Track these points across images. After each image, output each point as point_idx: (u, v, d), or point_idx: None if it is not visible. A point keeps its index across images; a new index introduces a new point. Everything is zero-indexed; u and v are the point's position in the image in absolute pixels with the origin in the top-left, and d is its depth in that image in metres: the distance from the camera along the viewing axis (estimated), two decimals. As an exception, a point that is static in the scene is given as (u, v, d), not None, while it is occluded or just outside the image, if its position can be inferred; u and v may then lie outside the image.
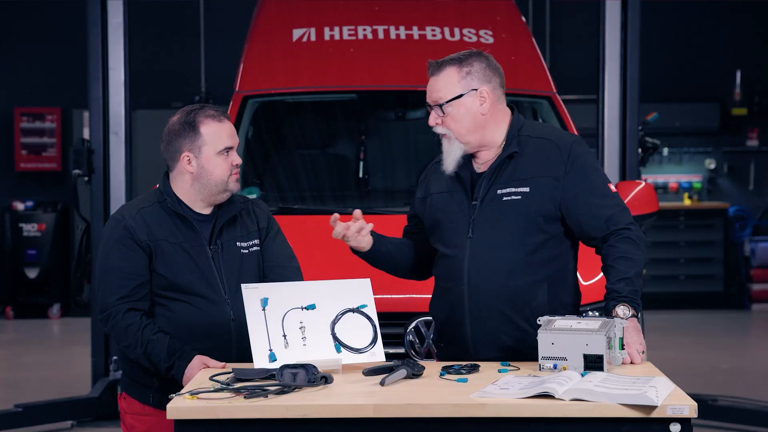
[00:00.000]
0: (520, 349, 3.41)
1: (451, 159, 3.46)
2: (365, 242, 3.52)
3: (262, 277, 3.60)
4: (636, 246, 3.40)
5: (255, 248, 3.60)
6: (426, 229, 3.61)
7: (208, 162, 3.48)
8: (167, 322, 3.47)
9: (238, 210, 3.60)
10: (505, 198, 3.41)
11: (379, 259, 3.61)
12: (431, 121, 3.48)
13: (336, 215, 3.47)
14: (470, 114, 3.44)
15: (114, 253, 3.46)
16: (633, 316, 3.31)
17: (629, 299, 3.33)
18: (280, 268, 3.61)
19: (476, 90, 3.45)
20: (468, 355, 3.45)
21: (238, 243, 3.56)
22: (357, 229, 3.49)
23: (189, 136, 3.48)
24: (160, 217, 3.50)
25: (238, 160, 3.53)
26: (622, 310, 3.30)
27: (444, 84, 3.46)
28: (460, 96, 3.44)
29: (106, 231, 3.53)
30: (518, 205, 3.41)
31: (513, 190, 3.41)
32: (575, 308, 3.56)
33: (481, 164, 3.49)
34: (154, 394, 3.49)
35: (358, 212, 3.50)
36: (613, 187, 3.56)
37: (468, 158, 3.50)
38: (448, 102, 3.44)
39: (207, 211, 3.55)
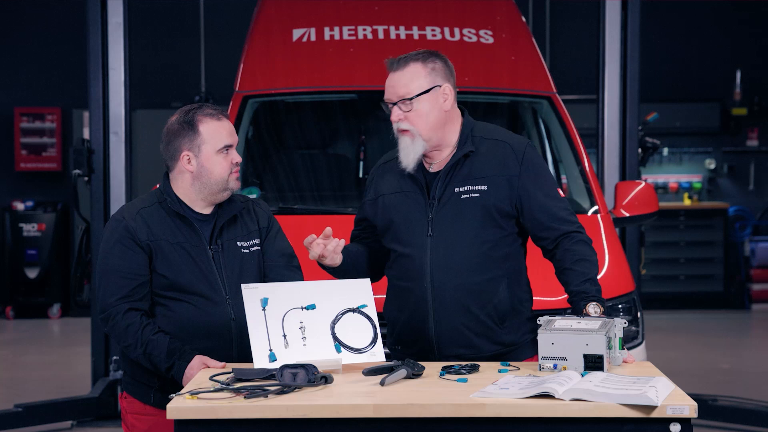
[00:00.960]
0: (483, 345, 3.45)
1: (412, 157, 3.45)
2: (339, 259, 3.49)
3: (263, 277, 3.60)
4: (590, 248, 3.49)
5: (255, 248, 3.60)
6: (379, 230, 3.60)
7: (208, 160, 3.49)
8: (168, 322, 3.47)
9: (238, 209, 3.60)
10: (463, 196, 3.44)
11: (346, 269, 3.57)
12: (395, 117, 3.46)
13: (312, 236, 3.43)
14: (435, 110, 3.46)
15: (114, 253, 3.46)
16: (603, 314, 3.34)
17: (596, 298, 3.37)
18: (280, 267, 3.61)
19: (440, 86, 3.47)
20: (431, 354, 3.47)
21: (238, 243, 3.56)
22: (333, 248, 3.45)
23: (188, 135, 3.49)
24: (161, 217, 3.50)
25: (238, 159, 3.52)
26: (593, 308, 3.34)
27: (410, 79, 3.46)
28: (427, 91, 3.45)
29: (107, 231, 3.54)
30: (476, 202, 3.44)
31: (471, 188, 3.44)
32: (530, 305, 3.59)
33: (434, 164, 3.51)
34: (155, 393, 3.49)
35: (329, 230, 3.45)
36: (561, 192, 3.61)
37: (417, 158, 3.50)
38: (416, 96, 3.44)
39: (207, 210, 3.56)
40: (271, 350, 3.22)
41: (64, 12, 11.23)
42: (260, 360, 3.20)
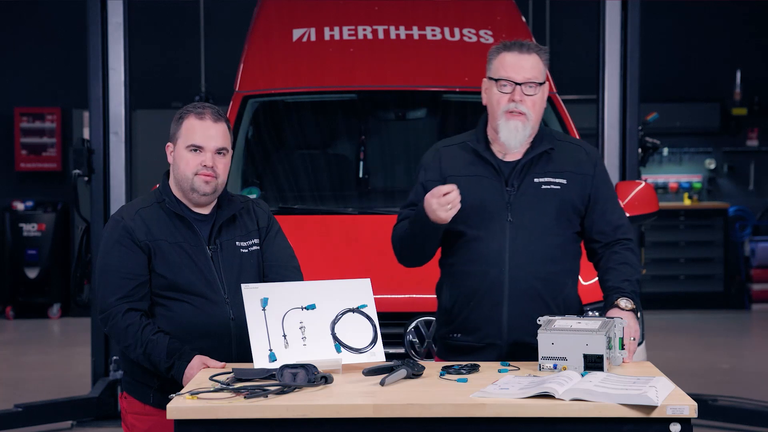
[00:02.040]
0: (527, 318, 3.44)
1: (519, 140, 3.48)
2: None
3: (262, 277, 3.59)
4: (636, 257, 3.61)
5: (255, 248, 3.60)
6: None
7: (178, 155, 3.50)
8: (167, 322, 3.47)
9: (237, 209, 3.59)
10: (544, 186, 3.51)
11: (438, 236, 3.54)
12: (518, 96, 3.45)
13: (453, 189, 3.36)
14: (542, 104, 3.54)
15: (113, 253, 3.47)
16: (632, 310, 3.43)
17: (631, 296, 3.47)
18: (280, 267, 3.61)
19: (547, 83, 3.56)
20: (497, 340, 3.47)
21: (237, 242, 3.56)
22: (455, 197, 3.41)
23: (175, 127, 3.53)
24: (159, 217, 3.50)
25: (209, 162, 3.46)
26: (624, 302, 3.43)
27: (536, 65, 3.50)
28: (544, 83, 3.52)
29: (106, 231, 3.54)
30: (556, 194, 3.51)
31: (551, 180, 3.52)
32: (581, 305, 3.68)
33: (507, 154, 3.54)
34: (154, 393, 3.49)
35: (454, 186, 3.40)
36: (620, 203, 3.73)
37: (487, 145, 3.55)
38: (540, 84, 3.49)
39: (206, 211, 3.56)
40: (271, 350, 3.22)
41: (64, 12, 11.23)
42: (260, 360, 3.20)
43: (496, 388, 2.91)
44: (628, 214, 5.53)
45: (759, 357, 9.40)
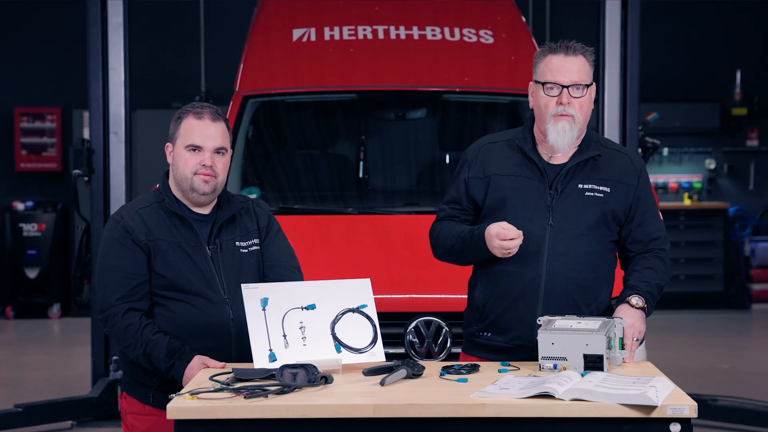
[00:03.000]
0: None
1: (567, 141, 3.47)
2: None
3: (262, 277, 3.59)
4: (665, 265, 3.58)
5: (255, 248, 3.60)
6: (486, 209, 3.56)
7: (177, 155, 3.51)
8: (167, 321, 3.47)
9: (237, 209, 3.59)
10: (587, 193, 3.50)
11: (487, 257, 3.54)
12: (566, 99, 3.44)
13: (519, 235, 3.36)
14: (589, 105, 3.52)
15: (113, 253, 3.47)
16: (642, 309, 3.42)
17: (644, 295, 3.45)
18: (280, 267, 3.61)
19: (593, 84, 3.54)
20: (528, 342, 3.43)
21: (237, 242, 3.56)
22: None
23: (174, 127, 3.53)
24: (159, 217, 3.51)
25: (208, 162, 3.46)
26: (635, 299, 3.42)
27: (582, 67, 3.48)
28: (590, 85, 3.50)
29: (105, 231, 3.54)
30: (599, 202, 3.50)
31: (595, 187, 3.50)
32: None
33: (553, 157, 3.53)
34: (154, 393, 3.49)
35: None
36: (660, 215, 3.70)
37: (533, 145, 3.54)
38: (587, 86, 3.48)
39: (206, 211, 3.56)
40: (271, 350, 3.22)
41: (64, 12, 11.23)
42: (260, 360, 3.20)
43: (496, 388, 2.91)
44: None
45: (759, 357, 9.39)
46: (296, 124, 6.17)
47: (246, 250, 3.57)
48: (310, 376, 2.97)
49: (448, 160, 6.19)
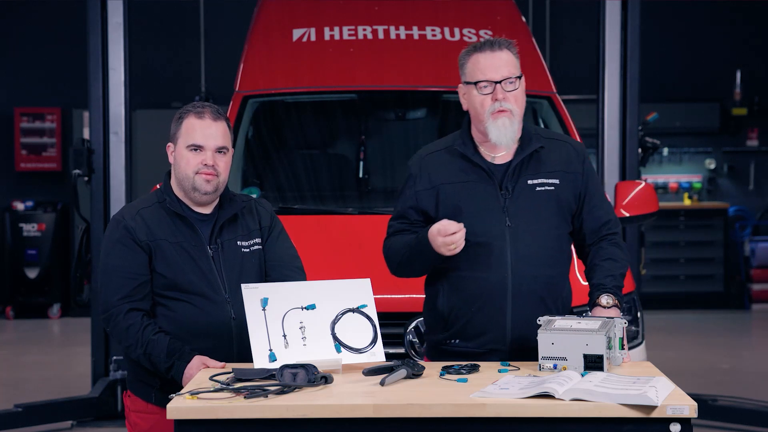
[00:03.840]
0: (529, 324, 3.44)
1: (510, 137, 3.45)
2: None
3: (265, 277, 3.59)
4: (622, 251, 3.58)
5: (256, 247, 3.60)
6: (440, 218, 3.49)
7: (179, 154, 3.52)
8: (168, 321, 3.47)
9: (239, 209, 3.59)
10: (538, 188, 3.49)
11: (439, 261, 3.51)
12: (500, 95, 3.43)
13: (460, 229, 3.36)
14: (523, 97, 3.52)
15: (114, 253, 3.48)
16: (615, 306, 3.42)
17: (612, 291, 3.44)
18: (282, 267, 3.61)
19: (523, 77, 3.54)
20: (501, 346, 3.45)
21: (238, 242, 3.56)
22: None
23: (175, 127, 3.54)
24: (160, 216, 3.51)
25: (210, 161, 3.47)
26: (605, 299, 3.41)
27: (509, 60, 3.48)
28: (521, 76, 3.50)
29: (107, 232, 3.55)
30: (551, 195, 3.50)
31: (544, 180, 3.50)
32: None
33: (497, 156, 3.52)
34: (156, 392, 3.49)
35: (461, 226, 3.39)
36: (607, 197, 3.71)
37: (475, 149, 3.52)
38: (518, 78, 3.48)
39: (207, 210, 3.56)
40: (271, 350, 3.22)
41: (64, 12, 11.23)
42: (260, 360, 3.20)
43: (496, 388, 2.91)
44: (628, 214, 5.56)
45: (759, 357, 9.39)
46: (296, 124, 6.17)
47: (248, 250, 3.57)
48: (310, 376, 2.97)
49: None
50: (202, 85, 11.67)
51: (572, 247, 3.63)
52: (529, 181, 3.49)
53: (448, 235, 3.34)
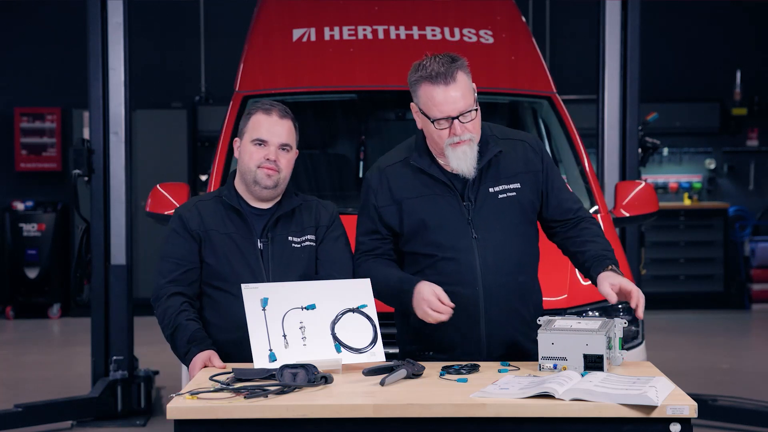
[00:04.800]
0: (525, 343, 3.45)
1: (470, 164, 3.39)
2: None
3: (314, 273, 3.64)
4: (601, 229, 3.57)
5: (308, 243, 3.65)
6: (405, 235, 3.51)
7: (244, 148, 3.64)
8: (211, 311, 3.59)
9: (296, 204, 3.67)
10: (500, 195, 3.46)
11: None
12: (459, 131, 3.35)
13: (449, 311, 3.32)
14: (479, 118, 3.45)
15: (169, 240, 3.64)
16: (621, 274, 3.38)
17: (615, 262, 3.41)
18: (331, 268, 3.63)
19: (475, 96, 3.46)
20: (477, 357, 3.43)
21: (290, 237, 3.63)
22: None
23: (243, 123, 3.68)
24: (215, 209, 3.65)
25: (272, 156, 3.57)
26: (613, 267, 3.37)
27: (465, 89, 3.39)
28: (477, 109, 3.42)
29: (170, 221, 3.72)
30: (513, 201, 3.47)
31: (505, 186, 3.47)
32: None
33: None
34: None
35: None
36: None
37: (431, 160, 3.48)
38: (475, 106, 3.40)
39: (265, 205, 3.65)
40: (271, 350, 3.23)
41: (64, 12, 11.23)
42: (260, 360, 3.21)
43: (496, 388, 2.91)
44: (628, 214, 5.56)
45: (759, 357, 9.39)
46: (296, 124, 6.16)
47: (298, 246, 3.63)
48: (310, 376, 2.97)
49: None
50: (202, 85, 11.68)
51: (537, 246, 3.59)
52: (491, 189, 3.46)
53: (435, 310, 3.31)
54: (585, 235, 3.50)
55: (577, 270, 3.66)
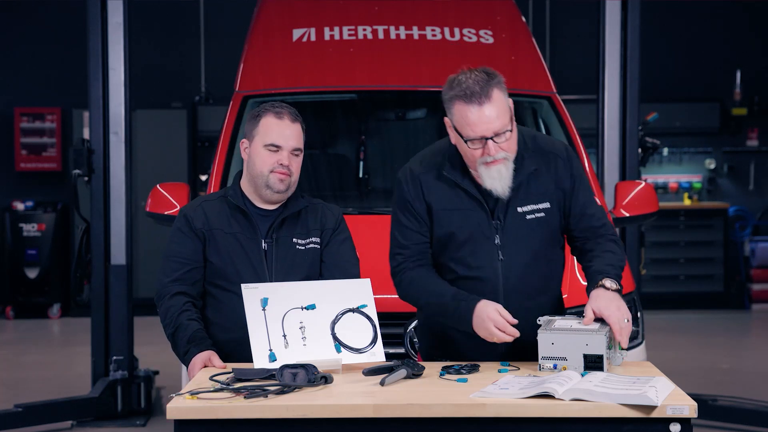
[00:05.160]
0: (523, 350, 3.43)
1: (507, 183, 3.32)
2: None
3: (319, 276, 3.64)
4: (621, 248, 3.50)
5: (312, 245, 3.66)
6: (435, 242, 3.46)
7: (255, 152, 3.62)
8: (214, 310, 3.60)
9: (302, 206, 3.68)
10: (528, 216, 3.39)
11: None
12: (493, 151, 3.25)
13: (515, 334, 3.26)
14: (515, 134, 3.35)
15: (174, 239, 3.65)
16: (617, 291, 3.31)
17: (613, 276, 3.35)
18: (336, 272, 3.63)
19: (512, 111, 3.34)
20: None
21: (294, 239, 3.64)
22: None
23: (251, 124, 3.66)
24: (221, 208, 3.66)
25: (285, 161, 3.58)
26: (609, 282, 3.30)
27: (501, 109, 3.26)
28: (512, 117, 3.31)
29: (174, 221, 3.74)
30: (542, 222, 3.41)
31: (534, 207, 3.40)
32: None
33: None
34: None
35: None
36: (597, 200, 3.61)
37: (464, 173, 3.41)
38: (510, 126, 3.28)
39: (270, 207, 3.66)
40: (271, 350, 3.23)
41: (64, 12, 11.23)
42: (260, 360, 3.21)
43: (496, 388, 2.91)
44: (628, 214, 5.56)
45: (759, 357, 9.39)
46: (296, 124, 6.16)
47: (303, 248, 3.64)
48: (310, 376, 2.97)
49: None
50: (202, 85, 11.67)
51: (564, 257, 3.55)
52: (519, 209, 3.38)
53: (504, 330, 3.23)
54: (597, 249, 3.44)
55: (576, 270, 3.65)
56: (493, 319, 3.25)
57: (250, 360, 3.29)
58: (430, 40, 6.05)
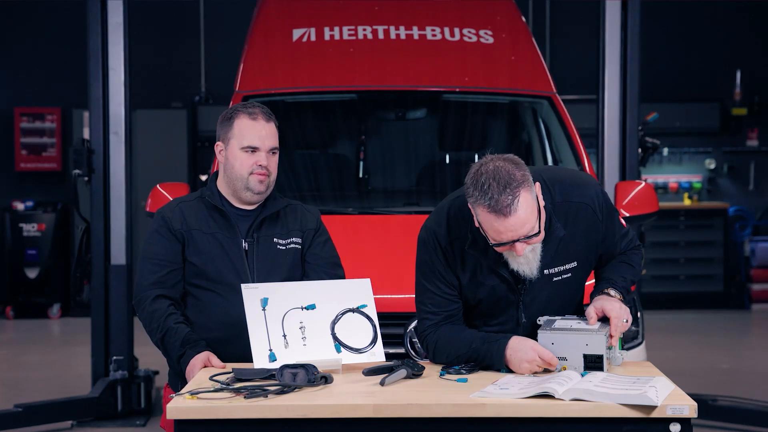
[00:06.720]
0: None
1: (534, 267, 3.20)
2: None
3: (302, 277, 3.65)
4: (639, 258, 3.47)
5: (293, 246, 3.66)
6: (467, 306, 3.37)
7: (232, 155, 3.61)
8: (195, 310, 3.58)
9: (281, 207, 3.68)
10: (555, 278, 3.31)
11: None
12: (520, 250, 3.08)
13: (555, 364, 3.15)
14: (543, 225, 3.14)
15: (151, 241, 3.62)
16: (621, 300, 3.30)
17: (620, 290, 3.33)
18: (322, 273, 3.64)
19: (535, 190, 3.12)
20: None
21: (275, 239, 3.64)
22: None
23: (225, 127, 3.63)
24: (198, 209, 3.64)
25: (264, 162, 3.58)
26: (613, 292, 3.30)
27: (529, 213, 3.05)
28: (540, 212, 3.11)
29: (150, 223, 3.71)
30: (568, 282, 3.34)
31: (561, 268, 3.30)
32: None
33: None
34: (182, 383, 3.53)
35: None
36: (623, 221, 3.55)
37: (487, 242, 3.17)
38: (538, 226, 3.09)
39: (249, 207, 3.65)
40: (271, 350, 3.23)
41: (64, 12, 11.23)
42: (260, 360, 3.21)
43: (496, 388, 2.91)
44: (628, 214, 5.56)
45: (759, 357, 9.39)
46: (296, 124, 6.17)
47: (284, 248, 3.65)
48: (310, 376, 2.97)
49: (448, 160, 6.19)
50: (202, 85, 11.67)
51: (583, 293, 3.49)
52: (546, 271, 3.26)
53: (545, 360, 3.12)
54: (616, 259, 3.42)
55: None
56: (537, 350, 3.13)
57: (232, 359, 3.32)
58: (430, 40, 6.05)
